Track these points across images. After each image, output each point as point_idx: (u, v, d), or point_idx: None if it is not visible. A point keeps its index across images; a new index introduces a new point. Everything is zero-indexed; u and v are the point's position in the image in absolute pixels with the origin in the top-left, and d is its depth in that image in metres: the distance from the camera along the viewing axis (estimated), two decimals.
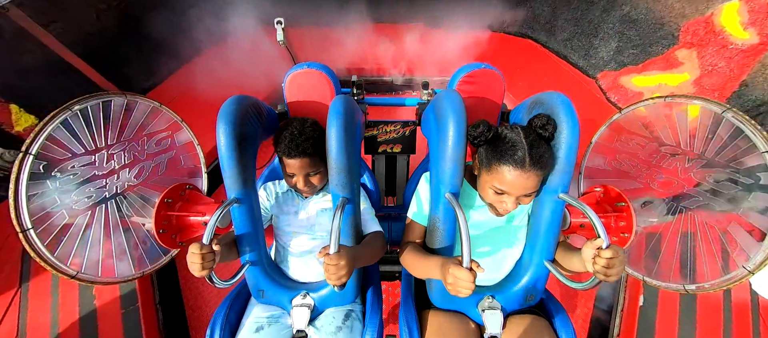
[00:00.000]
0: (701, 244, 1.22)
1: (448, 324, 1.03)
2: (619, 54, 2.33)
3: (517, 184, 0.84)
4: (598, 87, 2.43)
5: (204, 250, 0.84)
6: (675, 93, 1.42)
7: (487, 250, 1.06)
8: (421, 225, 1.07)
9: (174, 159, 1.39)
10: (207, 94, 2.27)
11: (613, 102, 2.33)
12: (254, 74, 2.66)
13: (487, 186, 0.91)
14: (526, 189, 0.85)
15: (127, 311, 1.74)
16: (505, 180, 0.85)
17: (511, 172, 0.83)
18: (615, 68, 2.36)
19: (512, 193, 0.86)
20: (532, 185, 0.84)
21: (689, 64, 2.00)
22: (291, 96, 1.22)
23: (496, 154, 0.86)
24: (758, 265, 1.07)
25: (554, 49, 2.79)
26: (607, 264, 0.76)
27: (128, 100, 1.24)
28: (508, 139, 0.86)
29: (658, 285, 1.25)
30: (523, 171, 0.82)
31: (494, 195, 0.90)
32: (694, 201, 1.25)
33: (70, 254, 1.08)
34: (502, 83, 1.20)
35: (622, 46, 2.31)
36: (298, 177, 1.05)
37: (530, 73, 2.93)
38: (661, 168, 1.32)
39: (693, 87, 1.98)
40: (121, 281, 1.19)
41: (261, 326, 1.04)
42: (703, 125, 1.22)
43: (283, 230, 1.17)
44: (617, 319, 1.88)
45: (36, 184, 1.04)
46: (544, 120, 0.87)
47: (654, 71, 2.17)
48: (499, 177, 0.86)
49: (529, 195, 0.88)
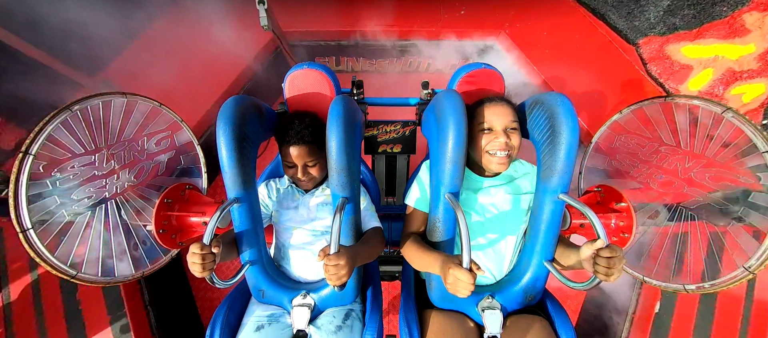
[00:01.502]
0: (701, 244, 1.22)
1: (448, 324, 1.03)
2: (671, 15, 1.82)
3: (496, 112, 1.00)
4: (638, 56, 2.02)
5: (204, 251, 0.84)
6: (679, 92, 1.39)
7: (490, 236, 1.06)
8: (422, 212, 1.08)
9: (174, 159, 1.39)
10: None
11: (654, 76, 1.94)
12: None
13: (477, 132, 1.02)
14: (504, 116, 0.99)
15: (115, 316, 1.71)
16: (485, 113, 1.01)
17: (488, 107, 1.02)
18: (662, 32, 1.89)
19: (496, 124, 0.99)
20: (508, 113, 1.00)
21: (758, 32, 1.56)
22: (291, 96, 1.22)
23: (474, 106, 1.06)
24: (758, 265, 1.07)
25: (591, 6, 2.28)
26: (606, 265, 0.77)
27: (128, 100, 1.23)
28: (482, 96, 1.08)
29: (658, 285, 1.25)
30: (496, 103, 1.02)
31: (485, 138, 1.00)
32: (694, 202, 1.25)
33: (70, 254, 1.08)
34: (503, 82, 1.20)
35: (677, 4, 1.79)
36: (297, 167, 1.07)
37: (557, 38, 2.49)
38: (661, 168, 1.32)
39: (757, 62, 1.58)
40: (122, 281, 1.20)
41: (261, 325, 1.04)
42: (703, 125, 1.22)
43: (283, 225, 1.17)
44: (627, 323, 1.83)
45: (36, 184, 1.04)
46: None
47: (711, 39, 1.72)
48: (480, 115, 1.02)
49: (513, 129, 1.00)
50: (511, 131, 0.99)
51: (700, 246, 1.23)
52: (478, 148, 1.01)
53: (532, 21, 2.62)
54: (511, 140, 0.98)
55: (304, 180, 1.10)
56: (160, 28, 2.47)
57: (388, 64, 2.95)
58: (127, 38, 2.36)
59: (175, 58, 2.39)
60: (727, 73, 1.70)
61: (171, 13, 2.52)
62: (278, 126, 1.11)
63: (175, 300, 2.11)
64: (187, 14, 2.55)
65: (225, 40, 2.50)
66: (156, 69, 2.29)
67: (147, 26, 2.44)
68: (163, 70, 2.28)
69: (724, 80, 1.70)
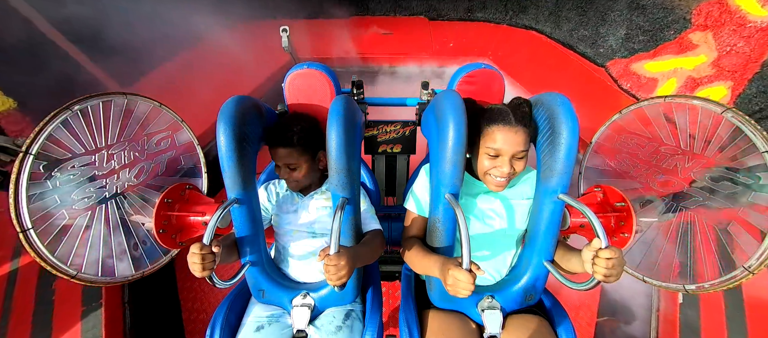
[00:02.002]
0: (701, 244, 1.22)
1: (447, 324, 1.03)
2: (629, 41, 2.28)
3: (508, 140, 0.91)
4: (609, 75, 2.38)
5: (204, 251, 0.84)
6: (677, 92, 1.41)
7: (490, 238, 1.06)
8: (421, 217, 1.08)
9: (174, 159, 1.39)
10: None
11: (625, 89, 2.25)
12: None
13: (482, 152, 0.97)
14: (516, 145, 0.92)
15: (89, 307, 1.62)
16: (497, 139, 0.92)
17: (501, 130, 0.92)
18: (625, 55, 2.30)
19: (505, 152, 0.92)
20: (521, 141, 0.92)
21: (705, 46, 1.91)
22: (291, 96, 1.22)
23: (486, 120, 0.96)
24: (758, 265, 1.07)
25: (560, 40, 2.76)
26: (606, 266, 0.77)
27: (128, 100, 1.23)
28: (494, 108, 0.97)
29: (658, 285, 1.25)
30: (511, 127, 0.91)
31: (489, 162, 0.95)
32: (693, 201, 1.25)
33: (70, 254, 1.08)
34: (502, 83, 1.20)
35: (632, 33, 2.25)
36: (281, 168, 1.09)
37: (536, 64, 2.91)
38: (661, 168, 1.32)
39: (711, 68, 1.87)
40: (122, 281, 1.20)
41: (261, 325, 1.04)
42: (702, 125, 1.22)
43: (283, 229, 1.17)
44: (653, 322, 1.82)
45: (36, 184, 1.04)
46: (519, 100, 0.99)
47: (668, 56, 2.09)
48: (491, 138, 0.93)
49: (520, 157, 0.94)
50: (518, 160, 0.94)
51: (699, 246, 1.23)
52: (480, 166, 0.99)
53: (511, 49, 3.07)
54: (516, 167, 0.95)
55: (287, 179, 1.12)
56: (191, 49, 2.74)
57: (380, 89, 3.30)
58: (163, 55, 2.57)
59: (198, 71, 2.61)
60: (689, 80, 1.99)
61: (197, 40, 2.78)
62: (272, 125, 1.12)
63: (158, 301, 2.08)
64: (210, 38, 2.83)
65: (246, 58, 2.75)
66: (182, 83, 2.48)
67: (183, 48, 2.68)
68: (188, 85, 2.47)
69: (687, 86, 2.00)
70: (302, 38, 3.19)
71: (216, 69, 2.76)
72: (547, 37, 2.84)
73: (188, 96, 2.35)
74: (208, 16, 2.81)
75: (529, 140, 0.95)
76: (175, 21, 2.53)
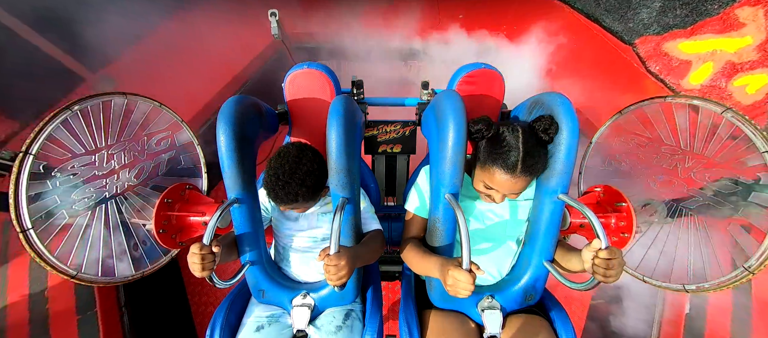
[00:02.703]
0: (701, 244, 1.22)
1: (447, 324, 1.03)
2: (664, 14, 1.89)
3: (505, 186, 0.89)
4: (636, 55, 2.06)
5: (204, 251, 0.84)
6: (681, 87, 1.35)
7: (489, 239, 1.06)
8: (421, 218, 1.08)
9: (174, 159, 1.39)
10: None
11: (653, 72, 1.98)
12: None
13: (478, 179, 0.96)
14: (513, 190, 0.90)
15: (85, 316, 1.55)
16: (495, 181, 0.90)
17: (501, 175, 0.87)
18: (658, 32, 1.94)
19: (500, 192, 0.92)
20: (519, 188, 0.89)
21: (753, 25, 1.59)
22: (291, 96, 1.22)
23: (491, 155, 0.89)
24: (758, 265, 1.07)
25: (584, 11, 2.33)
26: (605, 266, 0.77)
27: (128, 100, 1.23)
28: (506, 143, 0.87)
29: (658, 285, 1.25)
30: (512, 176, 0.86)
31: (483, 188, 0.96)
32: (693, 202, 1.25)
33: (70, 254, 1.08)
34: (503, 83, 1.20)
35: (668, 5, 1.86)
36: (287, 208, 1.03)
37: (553, 41, 2.57)
38: (661, 168, 1.32)
39: (756, 52, 1.61)
40: (121, 281, 1.19)
41: (261, 325, 1.04)
42: (703, 125, 1.22)
43: (283, 233, 1.17)
44: (655, 328, 1.74)
45: (36, 184, 1.04)
46: (547, 123, 0.88)
47: (707, 35, 1.77)
48: (489, 177, 0.91)
49: (516, 193, 0.93)
50: (514, 194, 0.93)
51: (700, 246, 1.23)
52: (475, 184, 0.98)
53: (528, 22, 2.67)
54: (511, 197, 0.95)
55: (297, 214, 1.10)
56: (164, 28, 2.49)
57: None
58: (132, 38, 2.36)
59: (176, 56, 2.41)
60: (728, 65, 1.70)
61: (175, 15, 2.54)
62: (268, 162, 0.98)
63: (163, 298, 2.07)
64: (190, 15, 2.58)
65: (227, 42, 2.55)
66: (158, 68, 2.31)
67: (151, 27, 2.46)
68: (165, 69, 2.30)
69: (725, 73, 1.72)
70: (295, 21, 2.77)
71: (196, 52, 2.54)
72: (570, 6, 2.39)
73: (163, 82, 2.22)
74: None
75: (532, 181, 0.92)
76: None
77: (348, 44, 2.86)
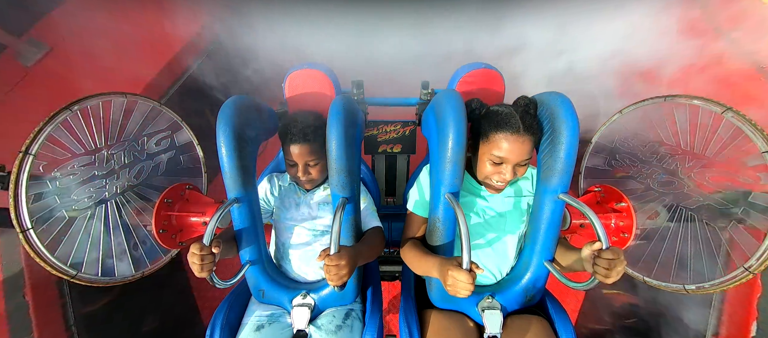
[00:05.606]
0: (701, 244, 1.22)
1: (447, 324, 1.03)
2: None
3: (514, 149, 0.89)
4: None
5: (204, 251, 0.84)
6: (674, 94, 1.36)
7: (490, 237, 1.06)
8: (421, 217, 1.08)
9: (174, 159, 1.39)
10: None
11: None
12: None
13: (485, 158, 0.95)
14: (521, 154, 0.90)
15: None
16: (503, 147, 0.90)
17: (508, 138, 0.89)
18: None
19: (509, 160, 0.91)
20: (526, 150, 0.90)
21: None
22: (291, 96, 1.22)
23: (493, 125, 0.92)
24: (758, 265, 1.07)
25: None
26: (606, 266, 0.77)
27: (128, 100, 1.23)
28: (501, 112, 0.93)
29: (658, 285, 1.25)
30: (518, 136, 0.89)
31: (492, 168, 0.94)
32: (694, 201, 1.25)
33: (70, 254, 1.08)
34: (502, 83, 1.20)
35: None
36: (298, 165, 1.06)
37: None
38: (661, 168, 1.32)
39: None
40: (121, 281, 1.20)
41: (261, 325, 1.04)
42: (703, 125, 1.22)
43: (284, 224, 1.17)
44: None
45: (36, 184, 1.04)
46: (525, 100, 0.96)
47: None
48: (496, 145, 0.91)
49: (523, 164, 0.93)
50: (522, 166, 0.94)
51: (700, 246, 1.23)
52: (481, 169, 0.98)
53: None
54: (518, 173, 0.94)
55: (304, 179, 1.09)
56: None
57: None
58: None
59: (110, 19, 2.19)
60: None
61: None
62: (282, 123, 1.11)
63: (168, 295, 2.02)
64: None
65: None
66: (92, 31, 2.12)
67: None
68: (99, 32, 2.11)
69: None
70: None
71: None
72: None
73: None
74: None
75: (534, 147, 0.93)
76: None
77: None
